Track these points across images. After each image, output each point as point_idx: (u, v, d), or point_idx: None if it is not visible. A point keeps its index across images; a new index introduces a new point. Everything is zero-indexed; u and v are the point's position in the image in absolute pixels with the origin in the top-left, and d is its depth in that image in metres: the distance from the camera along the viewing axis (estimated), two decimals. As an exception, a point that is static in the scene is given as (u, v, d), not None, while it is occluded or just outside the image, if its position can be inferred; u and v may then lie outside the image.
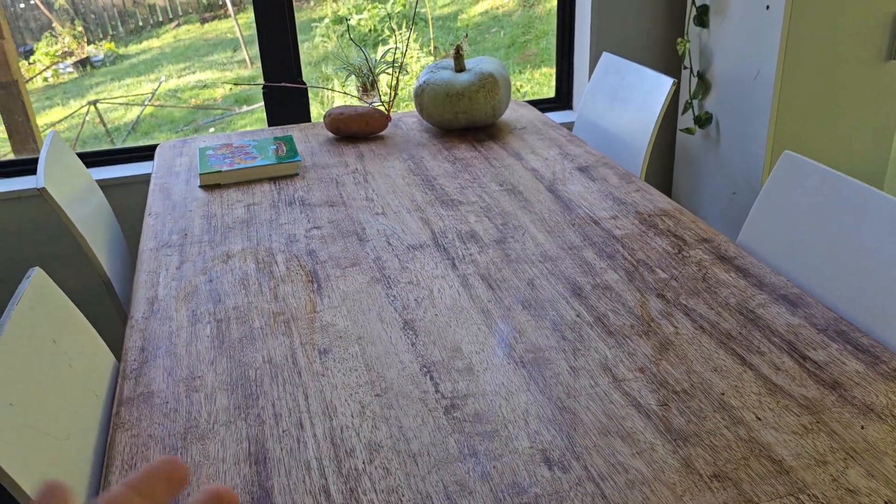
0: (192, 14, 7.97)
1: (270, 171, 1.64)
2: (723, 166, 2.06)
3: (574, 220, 1.40)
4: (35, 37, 7.38)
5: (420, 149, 1.80)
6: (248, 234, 1.40)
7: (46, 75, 7.26)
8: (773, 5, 1.77)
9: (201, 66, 7.24)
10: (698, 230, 1.34)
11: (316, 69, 6.68)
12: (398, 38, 6.44)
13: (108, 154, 2.09)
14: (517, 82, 6.36)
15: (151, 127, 6.40)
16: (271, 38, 2.08)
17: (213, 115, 6.60)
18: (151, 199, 1.57)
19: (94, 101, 6.57)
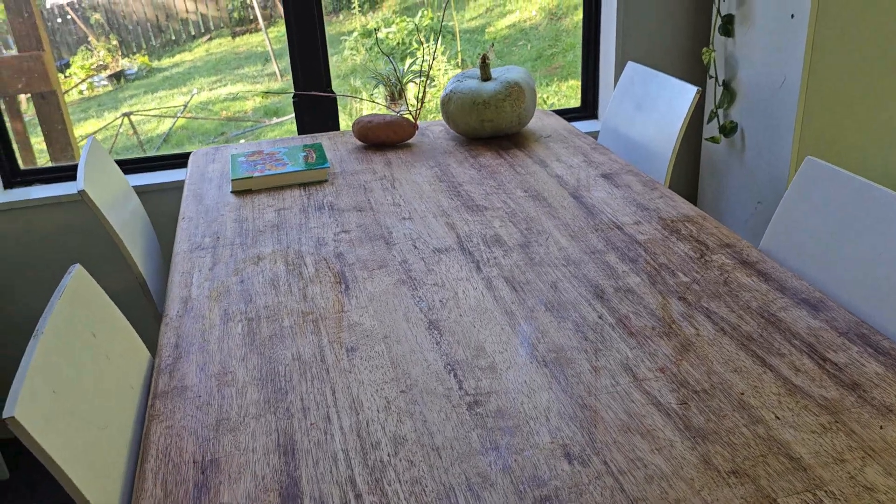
0: (224, 28, 8.12)
1: (300, 178, 1.68)
2: (748, 175, 2.06)
3: (597, 226, 1.42)
4: (71, 51, 7.58)
5: (446, 156, 1.83)
6: (278, 238, 1.43)
7: (82, 88, 7.45)
8: (797, 14, 1.78)
9: (232, 78, 7.37)
10: (721, 235, 1.35)
11: (345, 82, 6.77)
12: (426, 51, 6.50)
13: (144, 161, 2.15)
14: (544, 95, 6.39)
15: (183, 139, 6.53)
16: (302, 50, 2.13)
17: (243, 126, 6.71)
18: (185, 204, 1.62)
19: (128, 113, 6.72)
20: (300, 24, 2.11)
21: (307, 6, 2.09)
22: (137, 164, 2.16)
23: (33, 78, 2.66)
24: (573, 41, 7.24)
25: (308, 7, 2.09)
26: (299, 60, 2.15)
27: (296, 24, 2.11)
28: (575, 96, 6.51)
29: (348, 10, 7.91)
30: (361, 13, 7.80)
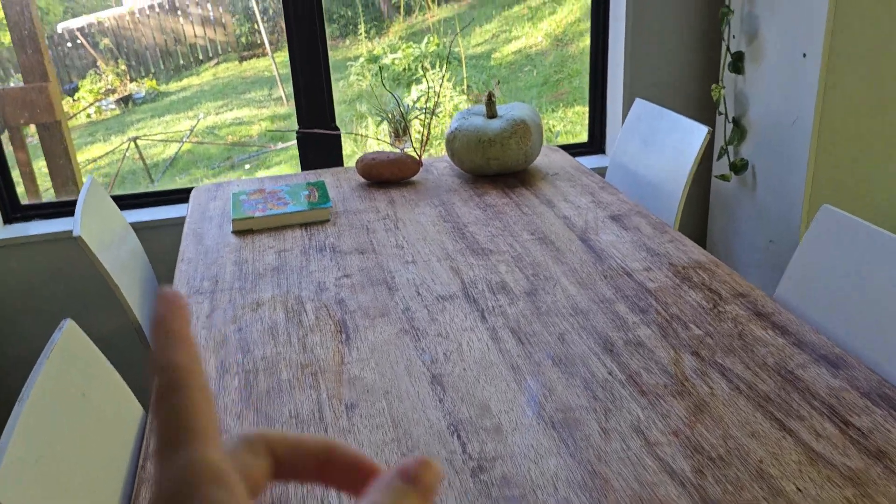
0: (231, 53, 8.17)
1: (302, 217, 1.64)
2: (759, 214, 2.02)
3: (606, 272, 1.38)
4: (80, 74, 7.63)
5: (451, 195, 1.80)
6: (278, 282, 1.40)
7: (90, 112, 7.48)
8: (810, 53, 1.75)
9: (239, 103, 7.40)
10: (734, 284, 1.31)
11: (350, 108, 6.78)
12: (431, 78, 6.52)
13: (144, 196, 2.13)
14: (550, 121, 6.38)
15: (189, 164, 6.53)
16: (306, 85, 2.11)
17: (248, 151, 6.72)
18: (185, 245, 1.59)
19: (135, 138, 6.74)
20: (304, 56, 2.09)
21: (311, 42, 2.07)
22: (138, 200, 2.14)
23: (38, 110, 2.65)
24: (579, 67, 7.25)
25: (312, 43, 2.07)
26: (303, 94, 2.13)
27: (300, 57, 2.10)
28: (581, 122, 6.50)
29: (354, 35, 7.96)
30: (368, 39, 7.84)
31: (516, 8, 8.17)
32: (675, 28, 2.21)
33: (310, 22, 2.06)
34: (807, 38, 1.77)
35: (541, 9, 8.12)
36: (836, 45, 1.71)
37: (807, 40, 1.77)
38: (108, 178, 6.32)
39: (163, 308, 0.27)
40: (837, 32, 1.69)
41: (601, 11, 2.26)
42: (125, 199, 2.14)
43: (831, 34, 1.68)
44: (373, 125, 5.63)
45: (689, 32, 2.22)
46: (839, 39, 1.70)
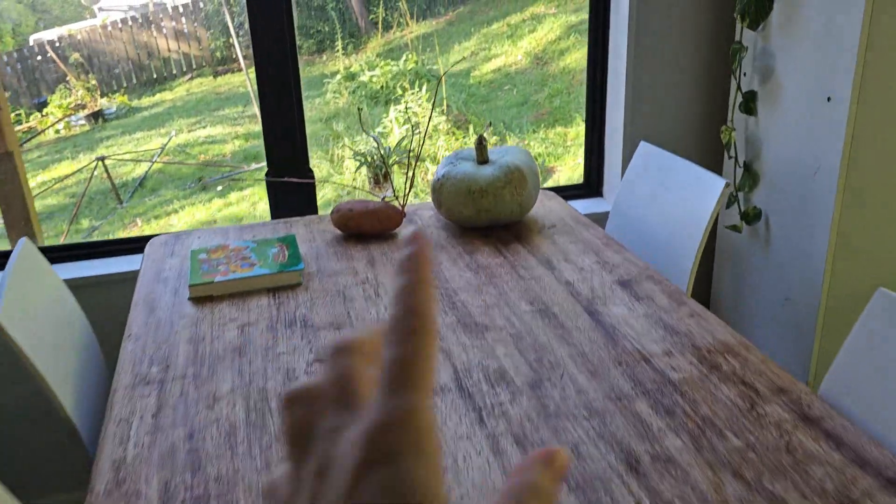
0: (206, 67, 7.94)
1: (269, 282, 1.44)
2: (774, 268, 1.86)
3: (620, 357, 1.19)
4: (50, 89, 7.36)
5: (438, 252, 1.60)
6: (239, 368, 1.20)
7: (59, 128, 7.21)
8: (836, 96, 1.59)
9: (212, 120, 7.17)
10: (771, 375, 1.13)
11: (327, 126, 6.59)
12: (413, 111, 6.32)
13: (94, 247, 1.91)
14: (530, 142, 6.24)
15: (159, 183, 6.29)
16: (277, 124, 1.91)
17: (221, 171, 6.49)
18: (133, 316, 1.38)
19: (102, 158, 6.48)
20: (275, 96, 1.90)
21: (284, 82, 1.87)
22: (87, 251, 1.92)
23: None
24: (559, 87, 7.13)
25: (285, 83, 1.87)
26: (274, 134, 1.93)
27: (271, 97, 1.90)
28: (562, 144, 6.36)
29: (331, 51, 7.77)
30: (345, 55, 7.66)
31: (495, 25, 8.04)
32: (681, 64, 2.04)
33: (282, 67, 1.87)
34: (832, 79, 1.61)
35: (520, 27, 8.00)
36: (867, 89, 1.55)
37: (832, 82, 1.61)
38: (76, 198, 6.07)
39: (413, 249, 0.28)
40: (869, 75, 1.53)
41: (599, 45, 2.09)
42: (70, 249, 1.91)
43: (861, 76, 1.52)
44: (349, 145, 5.43)
45: (696, 69, 2.05)
46: (870, 82, 1.55)
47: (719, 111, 2.09)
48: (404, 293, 0.27)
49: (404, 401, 0.25)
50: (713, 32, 2.03)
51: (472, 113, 6.70)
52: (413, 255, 0.28)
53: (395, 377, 0.25)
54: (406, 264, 0.28)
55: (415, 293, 0.27)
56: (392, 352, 0.26)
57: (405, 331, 0.26)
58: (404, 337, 0.26)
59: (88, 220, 5.78)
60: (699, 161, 2.13)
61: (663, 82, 2.05)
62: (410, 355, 0.26)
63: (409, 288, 0.27)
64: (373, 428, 0.24)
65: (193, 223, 5.52)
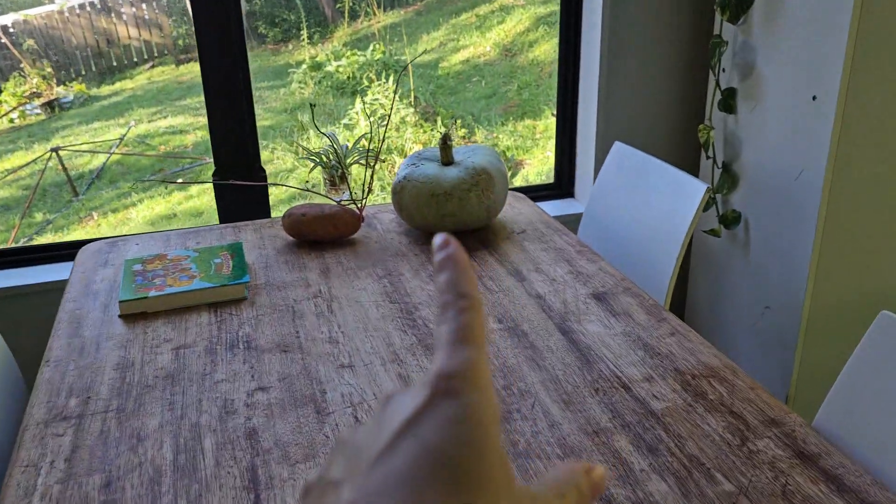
0: (168, 55, 7.70)
1: (211, 296, 1.31)
2: (754, 275, 1.76)
3: (597, 382, 1.08)
4: (3, 76, 7.07)
5: (398, 260, 1.48)
6: (170, 399, 1.06)
7: (13, 117, 6.93)
8: (822, 95, 1.49)
9: (173, 110, 6.95)
10: (760, 403, 1.03)
11: (292, 117, 6.41)
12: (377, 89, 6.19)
13: (22, 253, 1.75)
14: (498, 135, 6.13)
15: (118, 175, 6.07)
16: (224, 121, 1.77)
17: (182, 164, 6.29)
18: (55, 336, 1.23)
19: (56, 149, 6.24)
20: (223, 92, 1.75)
21: (231, 74, 1.73)
22: (14, 258, 1.76)
23: None
24: (528, 79, 7.03)
25: (232, 76, 1.73)
26: (220, 132, 1.78)
27: (217, 91, 1.75)
28: (531, 137, 6.27)
29: (297, 40, 7.58)
30: (311, 44, 7.47)
31: (464, 16, 7.91)
32: (657, 59, 1.94)
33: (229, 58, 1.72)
34: (818, 76, 1.51)
35: (489, 18, 7.88)
36: (856, 87, 1.46)
37: (818, 79, 1.51)
38: (29, 190, 5.82)
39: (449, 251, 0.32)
40: (858, 72, 1.43)
41: (571, 38, 1.97)
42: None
43: (850, 74, 1.43)
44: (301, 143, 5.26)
45: (672, 64, 1.95)
46: (859, 80, 1.45)
47: (696, 109, 1.99)
48: (451, 283, 0.31)
49: (466, 353, 0.29)
50: (691, 26, 1.93)
51: (441, 105, 6.58)
52: (449, 255, 0.31)
53: (456, 338, 0.29)
54: (444, 263, 0.31)
55: (460, 282, 0.31)
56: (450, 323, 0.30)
57: (459, 308, 0.30)
58: (459, 312, 0.30)
59: (42, 213, 5.55)
60: (675, 161, 2.03)
61: (638, 78, 1.94)
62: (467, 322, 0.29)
63: (455, 278, 0.31)
64: (440, 371, 0.28)
65: (152, 217, 5.33)
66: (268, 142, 5.87)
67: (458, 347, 0.28)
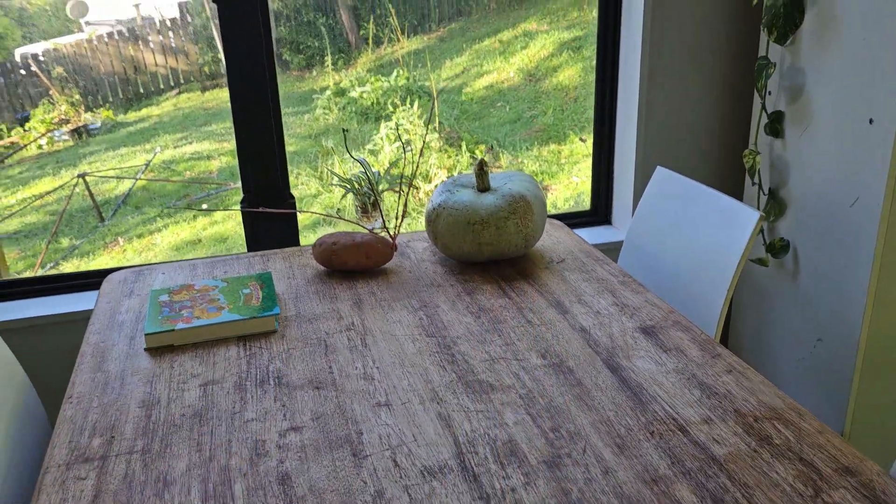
0: (194, 82, 7.78)
1: (240, 329, 1.25)
2: (804, 306, 1.68)
3: (651, 424, 1.01)
4: (34, 103, 7.18)
5: (434, 291, 1.42)
6: (198, 440, 1.00)
7: (41, 143, 7.02)
8: (879, 119, 1.42)
9: (199, 136, 7.00)
10: (833, 450, 0.95)
11: (316, 142, 6.41)
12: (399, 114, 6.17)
13: (47, 282, 1.71)
14: (523, 160, 6.08)
15: (143, 200, 6.10)
16: (253, 147, 1.73)
17: (207, 189, 6.32)
18: (78, 370, 1.18)
19: (83, 175, 6.29)
20: (252, 118, 1.71)
21: (261, 101, 1.69)
22: (39, 286, 1.72)
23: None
24: (553, 103, 7.00)
25: (262, 102, 1.69)
26: (249, 157, 1.74)
27: (246, 117, 1.71)
28: (556, 161, 6.21)
29: (321, 66, 7.62)
30: (335, 70, 7.51)
31: (487, 41, 7.92)
32: (699, 82, 1.88)
33: (259, 85, 1.69)
34: (874, 99, 1.44)
35: (512, 43, 7.88)
36: (916, 112, 1.38)
37: (874, 103, 1.44)
38: (55, 215, 5.86)
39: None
40: (918, 96, 1.36)
41: (608, 60, 1.92)
42: (20, 284, 1.72)
43: (909, 98, 1.36)
44: (332, 171, 5.25)
45: (716, 87, 1.89)
46: (919, 104, 1.38)
47: (741, 133, 1.92)
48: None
49: None
50: (735, 46, 1.87)
51: (465, 130, 6.56)
52: None
53: None
54: None
55: None
56: None
57: None
58: None
59: (69, 239, 5.58)
60: (718, 187, 1.96)
61: (679, 101, 1.88)
62: None
63: None
64: None
65: (177, 242, 5.33)
66: (292, 167, 5.87)
67: None
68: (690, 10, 1.82)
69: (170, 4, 7.78)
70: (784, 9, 1.58)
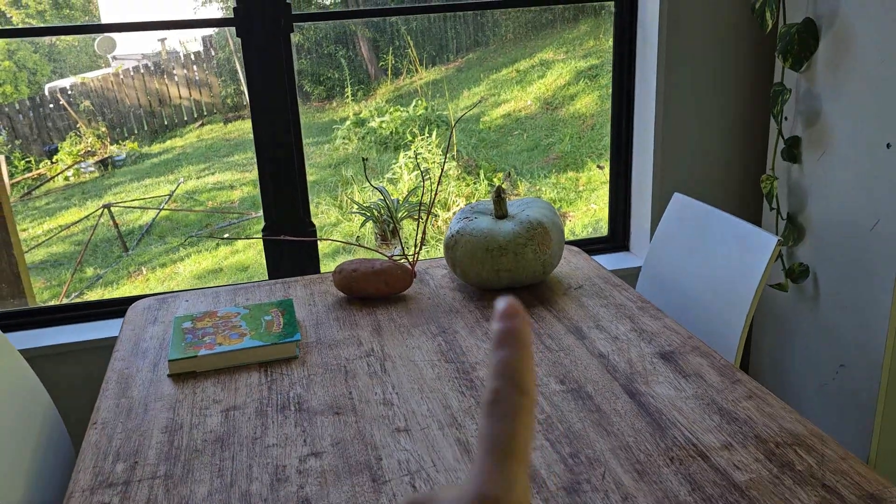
0: (217, 114, 7.92)
1: (261, 355, 1.27)
2: (825, 332, 1.67)
3: (671, 450, 1.01)
4: (61, 136, 7.34)
5: (452, 317, 1.43)
6: (220, 465, 1.01)
7: (68, 175, 7.16)
8: (895, 144, 1.42)
9: (221, 166, 7.10)
10: (856, 476, 0.94)
11: (336, 171, 6.49)
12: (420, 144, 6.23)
13: (70, 310, 1.74)
14: (541, 187, 6.10)
15: (166, 230, 6.19)
16: (275, 176, 1.76)
17: (228, 218, 6.40)
18: (103, 397, 1.20)
19: (108, 205, 6.40)
20: (274, 148, 1.75)
21: (283, 131, 1.73)
22: (64, 314, 1.75)
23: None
24: (570, 131, 7.04)
25: (284, 132, 1.73)
26: (271, 191, 1.77)
27: (268, 150, 1.75)
28: (574, 188, 6.22)
29: (341, 97, 7.73)
30: (355, 101, 7.61)
31: (504, 71, 7.99)
32: (715, 108, 1.89)
33: (281, 115, 1.72)
34: (891, 124, 1.44)
35: (529, 72, 7.95)
36: (934, 136, 1.38)
37: (891, 127, 1.44)
38: (81, 245, 5.96)
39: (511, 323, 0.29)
40: (935, 120, 1.36)
41: (624, 87, 1.94)
42: (44, 312, 1.75)
43: (927, 122, 1.36)
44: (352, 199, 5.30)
45: (732, 113, 1.90)
46: (937, 129, 1.38)
47: (758, 159, 1.92)
48: (507, 367, 0.28)
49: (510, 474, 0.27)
50: (751, 73, 1.88)
51: (483, 158, 6.60)
52: (512, 329, 0.29)
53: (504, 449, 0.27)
54: (504, 338, 0.29)
55: (518, 368, 0.28)
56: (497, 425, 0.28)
57: (510, 406, 0.28)
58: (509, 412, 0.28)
59: (93, 268, 5.66)
60: (736, 213, 1.96)
61: (696, 128, 1.89)
62: (515, 430, 0.28)
63: (512, 362, 0.28)
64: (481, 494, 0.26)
65: (199, 271, 5.39)
66: (312, 196, 5.94)
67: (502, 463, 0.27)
68: (705, 37, 1.84)
69: (194, 38, 7.94)
70: (798, 35, 1.59)
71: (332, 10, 7.60)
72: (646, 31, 1.89)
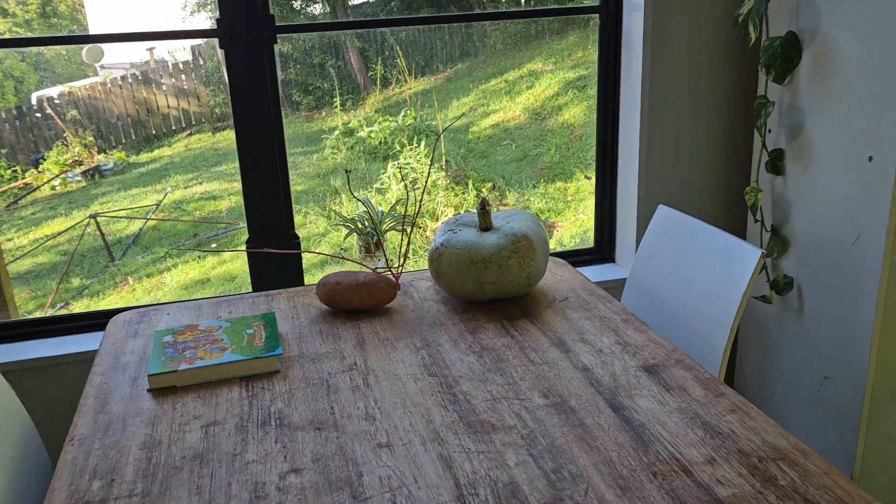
0: (205, 123, 7.89)
1: (243, 369, 1.26)
2: (810, 344, 1.67)
3: (654, 465, 1.00)
4: (48, 145, 7.29)
5: (436, 330, 1.42)
6: (198, 483, 1.00)
7: (54, 184, 7.11)
8: (878, 156, 1.43)
9: (209, 176, 7.07)
10: (839, 491, 0.94)
11: (324, 181, 6.47)
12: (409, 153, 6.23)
13: (52, 323, 1.72)
14: (529, 197, 6.11)
15: (153, 240, 6.15)
16: (258, 188, 1.75)
17: (216, 229, 6.37)
18: (80, 412, 1.18)
19: (95, 215, 6.36)
20: (257, 160, 1.74)
21: (266, 142, 1.72)
22: (46, 327, 1.73)
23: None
24: (559, 141, 7.05)
25: (267, 143, 1.72)
26: (255, 202, 1.76)
27: (251, 157, 1.74)
28: (562, 199, 6.23)
29: (330, 107, 7.72)
30: (343, 111, 7.61)
31: (493, 82, 8.01)
32: (699, 121, 1.89)
33: (264, 126, 1.72)
34: (873, 137, 1.45)
35: (518, 83, 7.97)
36: (915, 149, 1.39)
37: (873, 140, 1.45)
38: (66, 256, 5.91)
39: None
40: (916, 133, 1.37)
41: (609, 99, 1.94)
42: (24, 325, 1.73)
43: (908, 135, 1.37)
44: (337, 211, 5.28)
45: (716, 126, 1.90)
46: (918, 142, 1.39)
47: (742, 171, 1.93)
48: None
49: None
50: (734, 85, 1.89)
51: (472, 168, 6.61)
52: None
53: None
54: None
55: None
56: None
57: None
58: None
59: (79, 278, 5.61)
60: (721, 225, 1.96)
61: (680, 140, 1.89)
62: None
63: None
64: None
65: (186, 281, 5.36)
66: (300, 206, 5.91)
67: None
68: (689, 50, 1.85)
69: (183, 48, 7.93)
70: (781, 49, 1.60)
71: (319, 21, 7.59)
72: (630, 44, 1.89)
